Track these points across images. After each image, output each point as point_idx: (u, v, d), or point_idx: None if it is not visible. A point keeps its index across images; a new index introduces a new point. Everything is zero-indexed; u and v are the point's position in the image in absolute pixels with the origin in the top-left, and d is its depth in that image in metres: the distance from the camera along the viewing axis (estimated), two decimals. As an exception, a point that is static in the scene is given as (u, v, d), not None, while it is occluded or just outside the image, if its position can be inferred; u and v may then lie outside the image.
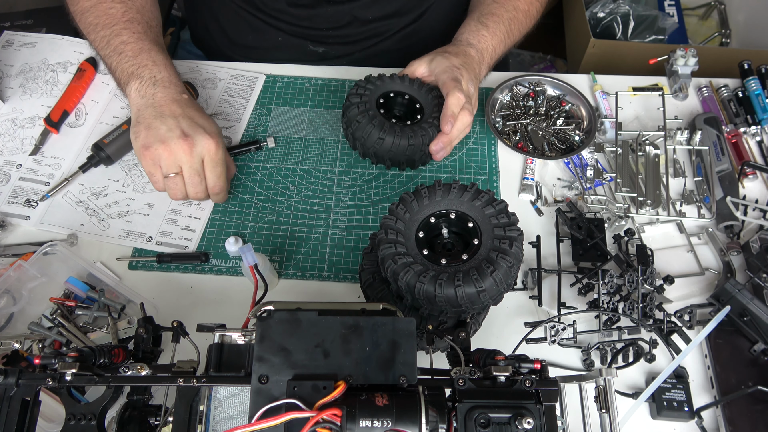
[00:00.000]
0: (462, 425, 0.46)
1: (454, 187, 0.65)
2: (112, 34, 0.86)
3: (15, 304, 0.77)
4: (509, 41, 0.96)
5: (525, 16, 0.98)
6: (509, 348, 0.70)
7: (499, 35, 0.94)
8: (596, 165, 0.92)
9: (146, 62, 0.82)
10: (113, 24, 0.86)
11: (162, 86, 0.80)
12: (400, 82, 0.89)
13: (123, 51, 0.84)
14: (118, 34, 0.85)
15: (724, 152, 0.90)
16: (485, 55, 0.92)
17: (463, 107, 0.83)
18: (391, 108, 0.90)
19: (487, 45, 0.92)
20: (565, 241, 0.83)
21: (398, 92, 0.89)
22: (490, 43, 0.93)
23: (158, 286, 0.81)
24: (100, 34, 0.87)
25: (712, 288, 0.80)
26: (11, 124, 0.97)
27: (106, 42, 0.86)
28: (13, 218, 0.87)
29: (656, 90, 0.99)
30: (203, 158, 0.78)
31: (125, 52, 0.84)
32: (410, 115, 0.90)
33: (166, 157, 0.76)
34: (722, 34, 1.50)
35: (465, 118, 0.83)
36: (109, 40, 0.86)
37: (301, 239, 0.85)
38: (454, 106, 0.82)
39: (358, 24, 1.05)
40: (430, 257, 0.62)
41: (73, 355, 0.51)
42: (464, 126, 0.84)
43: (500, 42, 0.94)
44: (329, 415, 0.44)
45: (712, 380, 0.72)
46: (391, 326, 0.50)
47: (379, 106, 0.87)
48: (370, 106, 0.85)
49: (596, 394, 0.52)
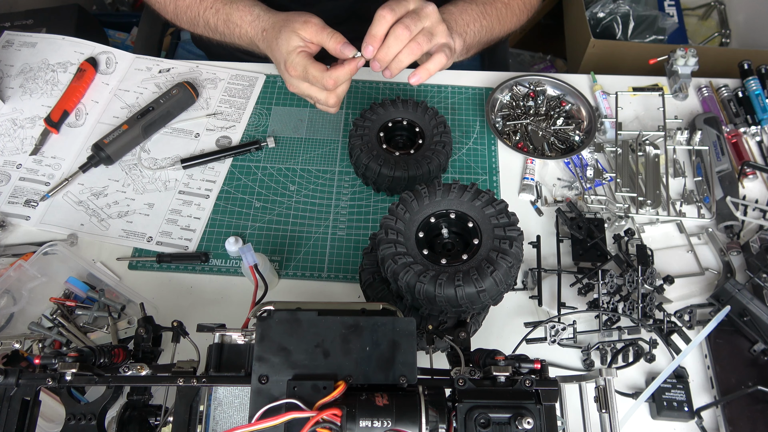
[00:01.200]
0: (462, 425, 0.46)
1: (454, 187, 0.65)
2: (204, 23, 0.95)
3: (15, 304, 0.77)
4: (485, 23, 0.93)
5: (505, 6, 0.96)
6: (509, 348, 0.70)
7: (471, 13, 0.91)
8: (596, 165, 0.92)
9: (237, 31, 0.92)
10: (198, 14, 0.94)
11: (258, 40, 0.90)
12: (395, 109, 0.89)
13: (222, 32, 0.94)
14: (207, 21, 0.94)
15: (724, 152, 0.90)
16: (452, 24, 0.88)
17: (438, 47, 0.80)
18: (392, 137, 0.90)
19: (454, 18, 0.89)
20: (565, 241, 0.83)
21: (396, 121, 0.89)
22: (458, 17, 0.89)
23: (158, 286, 0.81)
24: (200, 27, 0.96)
25: (712, 288, 0.80)
26: (11, 124, 0.97)
27: (211, 30, 0.95)
28: (13, 218, 0.87)
29: (656, 90, 0.99)
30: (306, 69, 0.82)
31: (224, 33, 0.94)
32: (411, 137, 0.89)
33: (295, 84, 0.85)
34: (722, 34, 1.50)
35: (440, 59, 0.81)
36: (208, 27, 0.95)
37: (301, 239, 0.85)
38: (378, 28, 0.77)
39: (357, 20, 1.04)
40: (430, 257, 0.62)
41: (73, 355, 0.51)
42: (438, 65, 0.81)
43: (473, 19, 0.91)
44: (329, 415, 0.44)
45: (712, 380, 0.72)
46: (391, 326, 0.50)
47: (379, 139, 0.87)
48: (373, 146, 0.85)
49: (596, 394, 0.52)
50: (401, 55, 0.78)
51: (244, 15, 0.90)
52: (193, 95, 0.98)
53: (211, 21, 0.94)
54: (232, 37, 0.93)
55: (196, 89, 0.98)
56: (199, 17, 0.95)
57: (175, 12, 0.98)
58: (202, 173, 0.92)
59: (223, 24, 0.92)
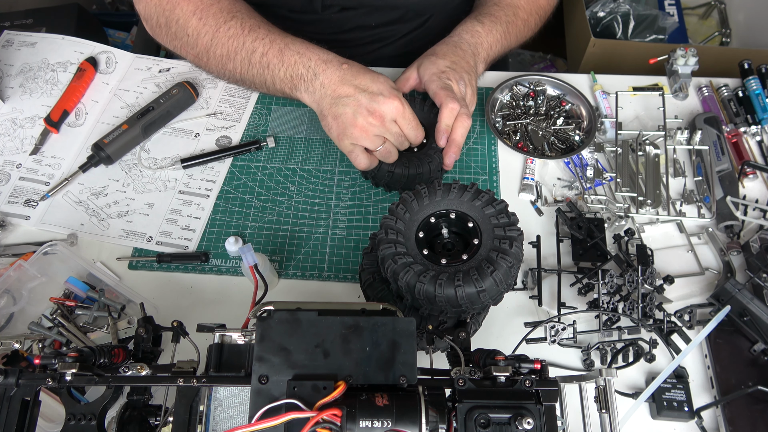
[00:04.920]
0: (462, 425, 0.46)
1: (454, 187, 0.65)
2: (247, 53, 0.83)
3: (15, 304, 0.77)
4: (506, 42, 0.95)
5: (524, 24, 0.97)
6: (509, 348, 0.70)
7: (495, 34, 0.93)
8: (596, 165, 0.92)
9: (293, 58, 0.80)
10: (242, 44, 0.83)
11: (322, 71, 0.79)
12: None
13: (269, 63, 0.82)
14: (253, 51, 0.82)
15: (724, 152, 0.90)
16: (479, 49, 0.91)
17: (459, 114, 0.82)
18: None
19: (481, 40, 0.91)
20: (565, 241, 0.83)
21: None
22: (484, 39, 0.91)
23: (158, 286, 0.81)
24: (237, 59, 0.84)
25: (712, 288, 0.80)
26: (11, 123, 0.97)
27: (248, 63, 0.83)
28: (13, 218, 0.87)
29: (656, 90, 0.99)
30: (395, 120, 0.79)
31: (272, 63, 0.82)
32: None
33: (365, 137, 0.78)
34: (722, 34, 1.50)
35: (464, 122, 0.82)
36: (249, 60, 0.83)
37: (301, 239, 0.85)
38: (447, 119, 0.81)
39: (362, 30, 1.04)
40: (430, 257, 0.62)
41: (73, 355, 0.51)
42: (465, 130, 0.83)
43: (496, 41, 0.93)
44: (329, 415, 0.44)
45: (712, 380, 0.72)
46: (391, 326, 0.50)
47: None
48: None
49: (596, 394, 0.52)
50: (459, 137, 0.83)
51: (310, 46, 0.82)
52: (193, 95, 0.98)
53: (258, 51, 0.82)
54: (273, 74, 0.82)
55: (196, 89, 0.98)
56: (242, 48, 0.83)
57: (210, 44, 0.85)
58: (202, 173, 0.92)
59: (276, 54, 0.81)
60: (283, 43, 0.82)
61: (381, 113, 0.77)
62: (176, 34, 0.88)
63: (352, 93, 0.77)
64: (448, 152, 0.83)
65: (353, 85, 0.78)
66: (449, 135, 0.83)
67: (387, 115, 0.77)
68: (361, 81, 0.78)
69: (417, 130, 0.81)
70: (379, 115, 0.77)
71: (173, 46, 0.91)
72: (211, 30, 0.84)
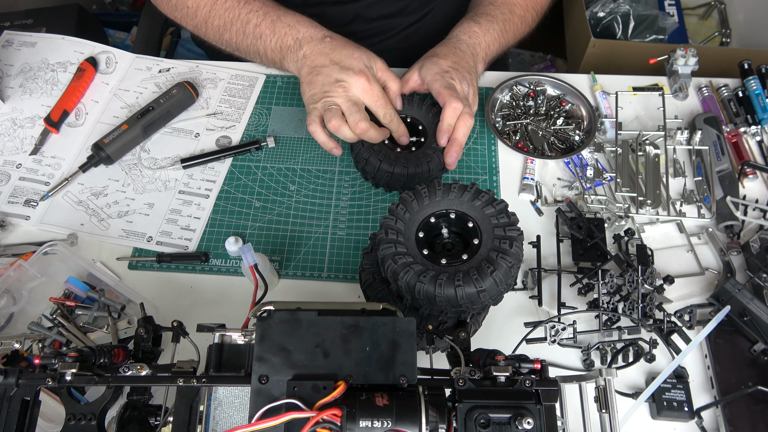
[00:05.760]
0: (462, 425, 0.46)
1: (454, 187, 0.65)
2: (242, 24, 0.89)
3: (15, 304, 0.77)
4: (504, 41, 0.96)
5: (521, 21, 0.98)
6: (509, 348, 0.70)
7: (492, 33, 0.93)
8: (596, 165, 0.92)
9: (284, 30, 0.87)
10: (237, 15, 0.89)
11: (306, 43, 0.85)
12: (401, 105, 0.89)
13: (261, 33, 0.88)
14: (247, 21, 0.88)
15: (724, 152, 0.90)
16: (478, 49, 0.91)
17: (461, 113, 0.83)
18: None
19: (479, 41, 0.92)
20: (565, 241, 0.83)
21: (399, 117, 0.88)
22: (482, 39, 0.92)
23: (158, 286, 0.81)
24: (233, 30, 0.90)
25: (712, 288, 0.80)
26: (11, 123, 0.97)
27: (243, 34, 0.89)
28: (13, 218, 0.87)
29: (656, 90, 0.99)
30: (361, 96, 0.82)
31: (264, 34, 0.88)
32: (413, 134, 0.89)
33: (326, 105, 0.82)
34: (722, 34, 1.50)
35: (466, 122, 0.83)
36: (244, 31, 0.89)
37: (301, 239, 0.85)
38: (450, 118, 0.82)
39: (362, 22, 1.05)
40: (430, 257, 0.62)
41: (73, 355, 0.51)
42: (467, 129, 0.84)
43: (494, 40, 0.93)
44: (329, 415, 0.44)
45: (712, 380, 0.72)
46: (391, 326, 0.50)
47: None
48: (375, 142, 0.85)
49: (596, 394, 0.52)
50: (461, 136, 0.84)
51: (301, 19, 0.87)
52: (193, 95, 0.98)
53: (252, 22, 0.88)
54: (265, 44, 0.88)
55: (196, 89, 0.98)
56: (237, 19, 0.89)
57: (208, 15, 0.91)
58: (202, 173, 0.92)
59: (269, 26, 0.87)
60: (276, 15, 0.88)
61: (346, 86, 0.81)
62: (177, 6, 0.95)
63: (327, 64, 0.83)
64: (449, 151, 0.84)
65: (330, 57, 0.83)
66: (451, 134, 0.83)
67: (352, 88, 0.81)
68: (337, 55, 0.83)
69: (385, 108, 0.83)
70: (344, 87, 0.81)
71: (174, 17, 0.97)
72: (209, 2, 0.91)
